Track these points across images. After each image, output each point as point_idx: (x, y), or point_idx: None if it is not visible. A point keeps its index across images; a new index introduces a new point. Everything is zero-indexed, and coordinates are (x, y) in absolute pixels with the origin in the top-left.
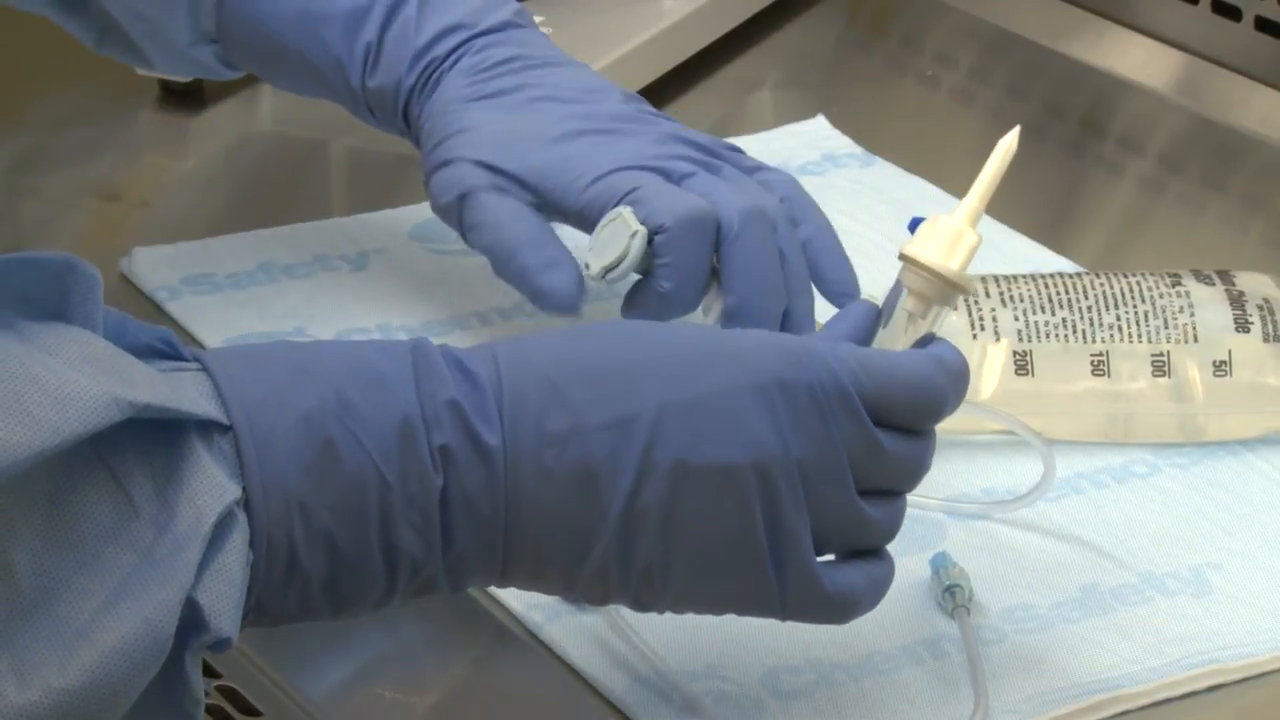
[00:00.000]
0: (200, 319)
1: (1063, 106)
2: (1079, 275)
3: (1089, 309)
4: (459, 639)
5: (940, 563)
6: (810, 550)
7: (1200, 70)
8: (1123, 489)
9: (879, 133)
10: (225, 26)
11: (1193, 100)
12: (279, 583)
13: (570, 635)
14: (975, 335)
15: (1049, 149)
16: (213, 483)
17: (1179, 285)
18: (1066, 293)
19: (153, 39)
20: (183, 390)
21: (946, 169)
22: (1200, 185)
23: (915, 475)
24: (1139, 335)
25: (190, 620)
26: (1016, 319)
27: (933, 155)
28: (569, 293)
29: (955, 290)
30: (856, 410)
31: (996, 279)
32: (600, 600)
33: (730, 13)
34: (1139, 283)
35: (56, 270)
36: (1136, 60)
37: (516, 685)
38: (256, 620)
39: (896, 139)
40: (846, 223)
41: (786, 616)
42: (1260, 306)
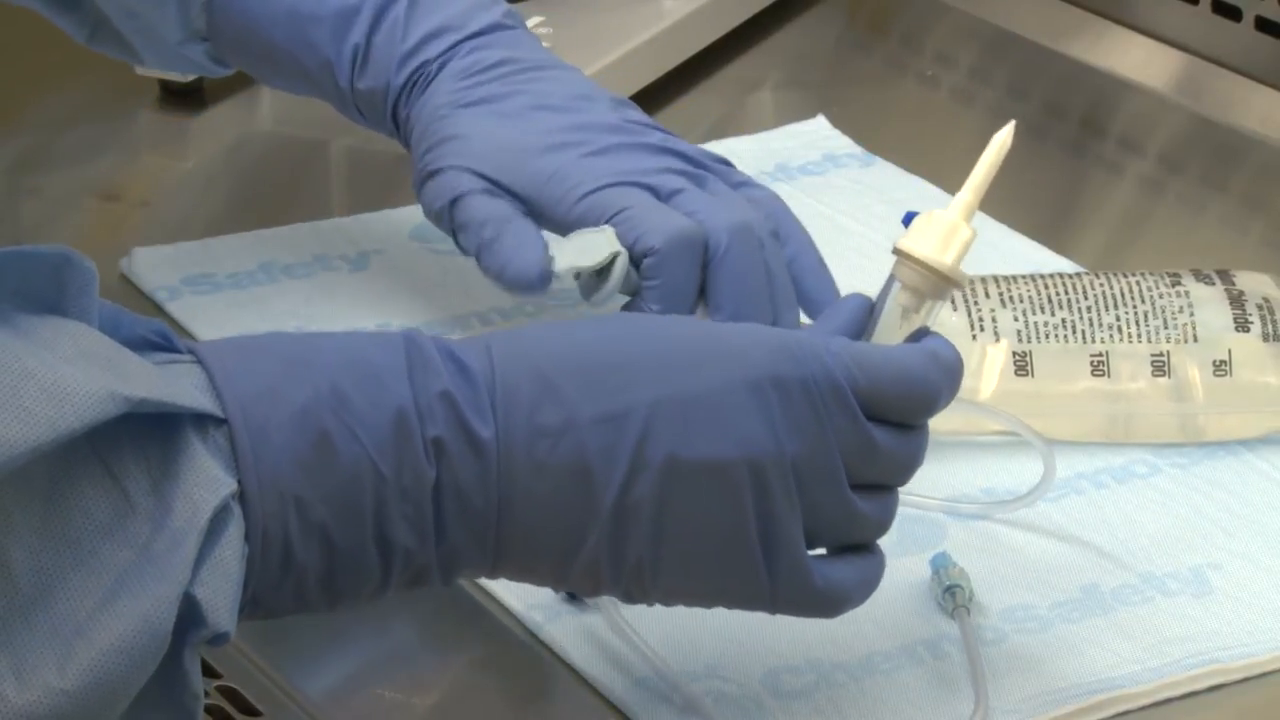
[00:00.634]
0: (200, 319)
1: (1063, 106)
2: (1078, 275)
3: (1088, 309)
4: (459, 639)
5: (940, 563)
6: (802, 545)
7: (1200, 70)
8: (1123, 489)
9: (879, 133)
10: (215, 25)
11: (1193, 100)
12: (274, 576)
13: (570, 635)
14: (975, 336)
15: (1049, 149)
16: (208, 477)
17: (1178, 285)
18: (1066, 293)
19: (143, 35)
20: (178, 384)
21: (946, 169)
22: (1200, 185)
23: (908, 470)
24: (1139, 335)
25: (188, 615)
26: (1016, 319)
27: (933, 155)
28: (534, 260)
29: (948, 285)
30: (849, 405)
31: (996, 279)
32: (591, 592)
33: (730, 13)
34: (1138, 283)
35: (53, 264)
36: (1136, 60)
37: (516, 685)
38: (252, 614)
39: (896, 139)
40: (846, 222)
41: (776, 610)
42: (1260, 306)
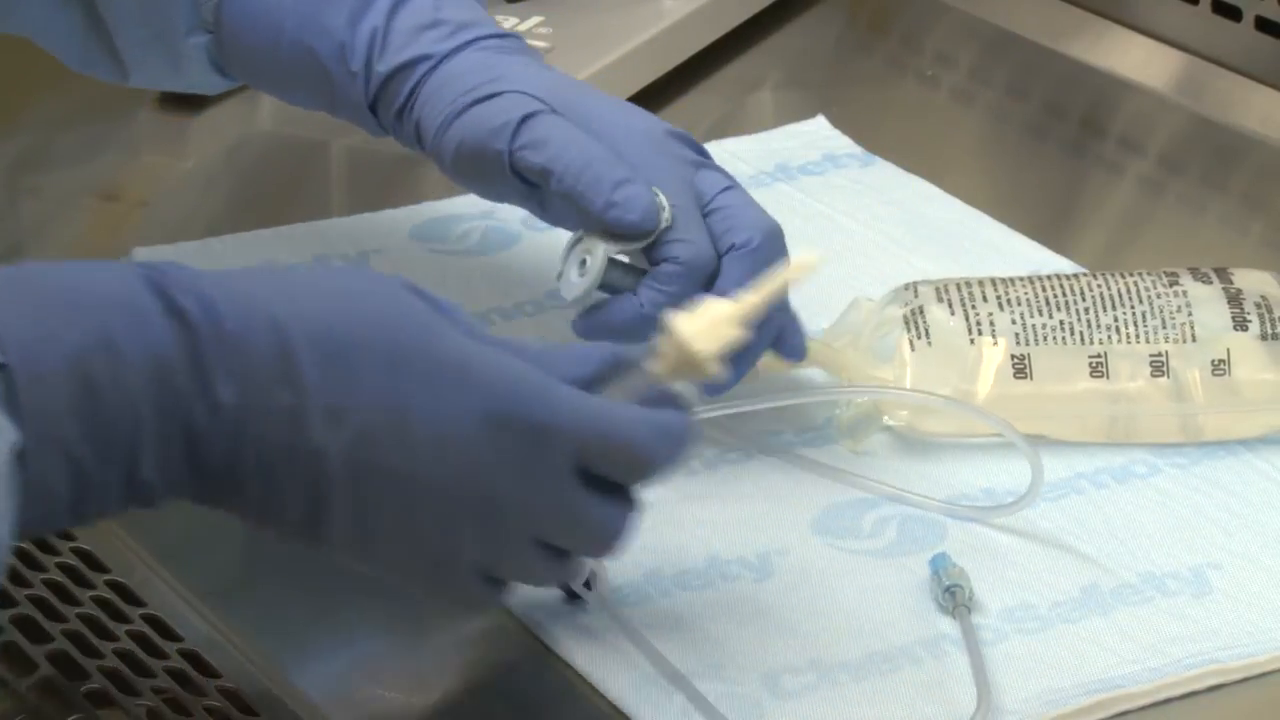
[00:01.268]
0: None
1: (1063, 106)
2: (1077, 276)
3: (1086, 311)
4: (459, 639)
5: (940, 563)
6: (472, 574)
7: (1200, 70)
8: (1123, 489)
9: (879, 133)
10: (223, 16)
11: (1193, 100)
12: (32, 506)
13: (571, 634)
14: (973, 340)
15: (1049, 149)
16: None
17: (1176, 285)
18: (1064, 294)
19: (146, 34)
20: None
21: (946, 169)
22: (1200, 185)
23: (601, 541)
24: (1137, 336)
25: None
26: (1014, 322)
27: (933, 155)
28: (646, 204)
29: (698, 373)
30: (557, 457)
31: (994, 282)
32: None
33: (730, 13)
34: (1136, 283)
35: None
36: (1136, 60)
37: (516, 685)
38: None
39: (896, 139)
40: (846, 222)
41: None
42: (1258, 305)
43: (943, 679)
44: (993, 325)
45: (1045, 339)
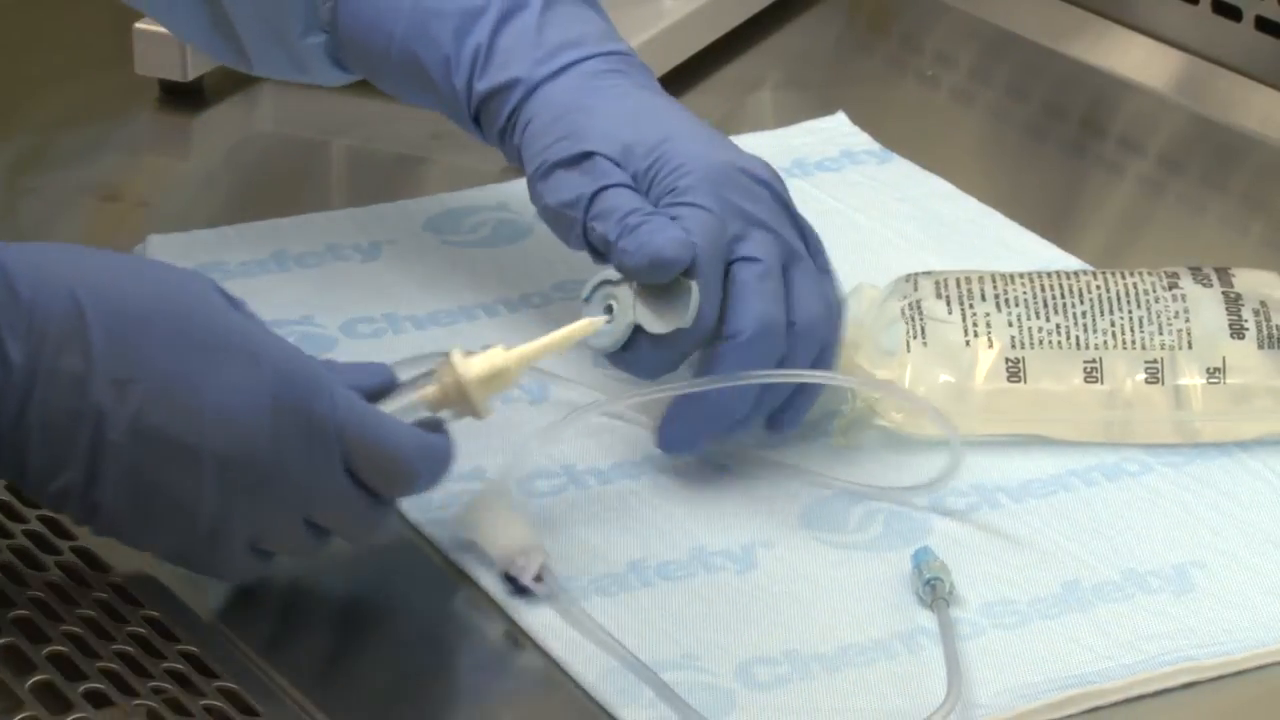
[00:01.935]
0: None
1: (1063, 106)
2: (1077, 275)
3: (1084, 314)
4: (460, 638)
5: (923, 556)
6: (242, 545)
7: (1200, 70)
8: (1113, 486)
9: (879, 133)
10: (340, 18)
11: (1193, 100)
12: None
13: (548, 623)
14: (968, 341)
15: (1049, 149)
16: None
17: (1176, 287)
18: (1062, 295)
19: (264, 30)
20: None
21: (947, 169)
22: (1200, 185)
23: (363, 531)
24: (1133, 341)
25: None
26: (1010, 324)
27: (933, 155)
28: (662, 240)
29: (466, 409)
30: (331, 447)
31: (994, 278)
32: (58, 511)
33: (730, 13)
34: (1136, 284)
35: None
36: (1136, 60)
37: (495, 673)
38: None
39: (897, 139)
40: (859, 218)
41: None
42: (1256, 311)
43: (917, 672)
44: (989, 326)
45: (1041, 342)
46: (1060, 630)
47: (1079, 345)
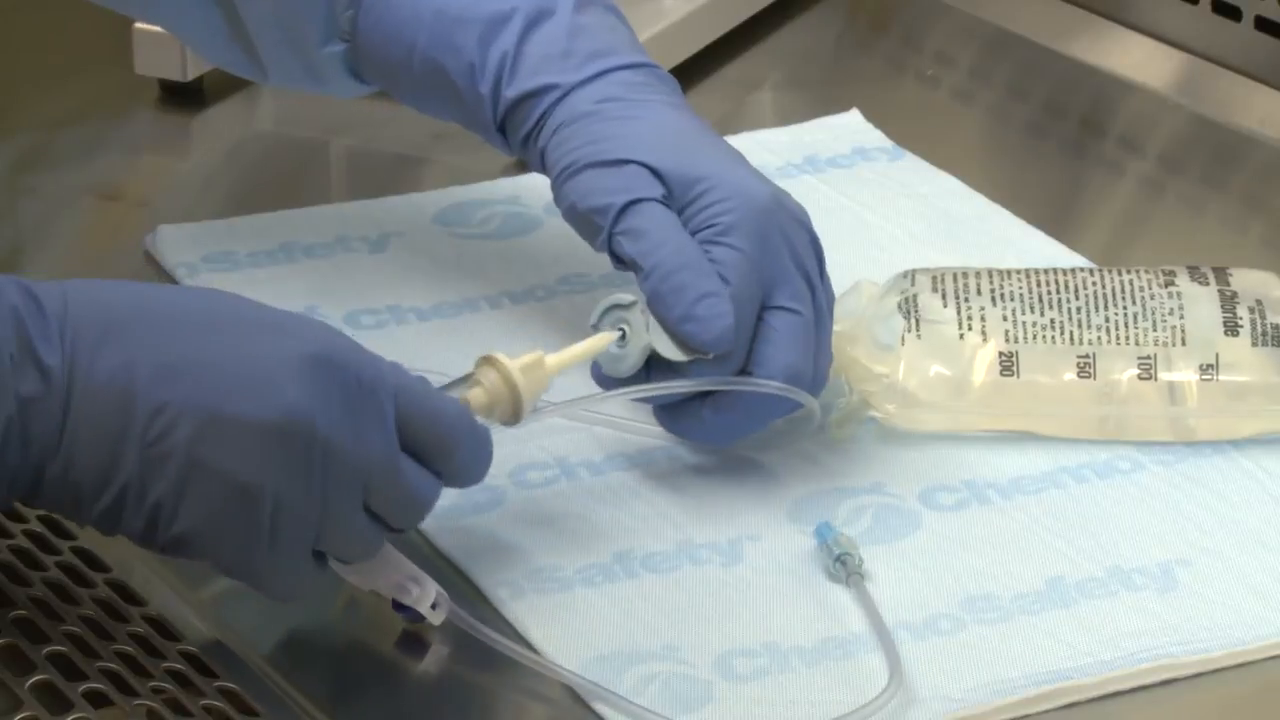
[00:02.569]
0: None
1: (1063, 106)
2: (1073, 272)
3: (1079, 310)
4: (459, 638)
5: (826, 533)
6: (309, 531)
7: (1200, 70)
8: (1103, 484)
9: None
10: (359, 28)
11: (1193, 100)
12: None
13: (532, 614)
14: (962, 335)
15: (1049, 149)
16: None
17: (1172, 285)
18: (1058, 291)
19: (282, 40)
20: None
21: (947, 168)
22: (1200, 185)
23: (414, 509)
24: (1127, 338)
25: None
26: (1005, 318)
27: (933, 155)
28: (724, 326)
29: (506, 411)
30: (385, 410)
31: (990, 274)
32: (110, 530)
33: (730, 13)
34: (1132, 281)
35: None
36: (1136, 60)
37: (477, 667)
38: None
39: (897, 139)
40: (868, 215)
41: (270, 592)
42: (1251, 309)
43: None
44: (984, 320)
45: (1035, 337)
46: (1042, 626)
47: (1073, 340)
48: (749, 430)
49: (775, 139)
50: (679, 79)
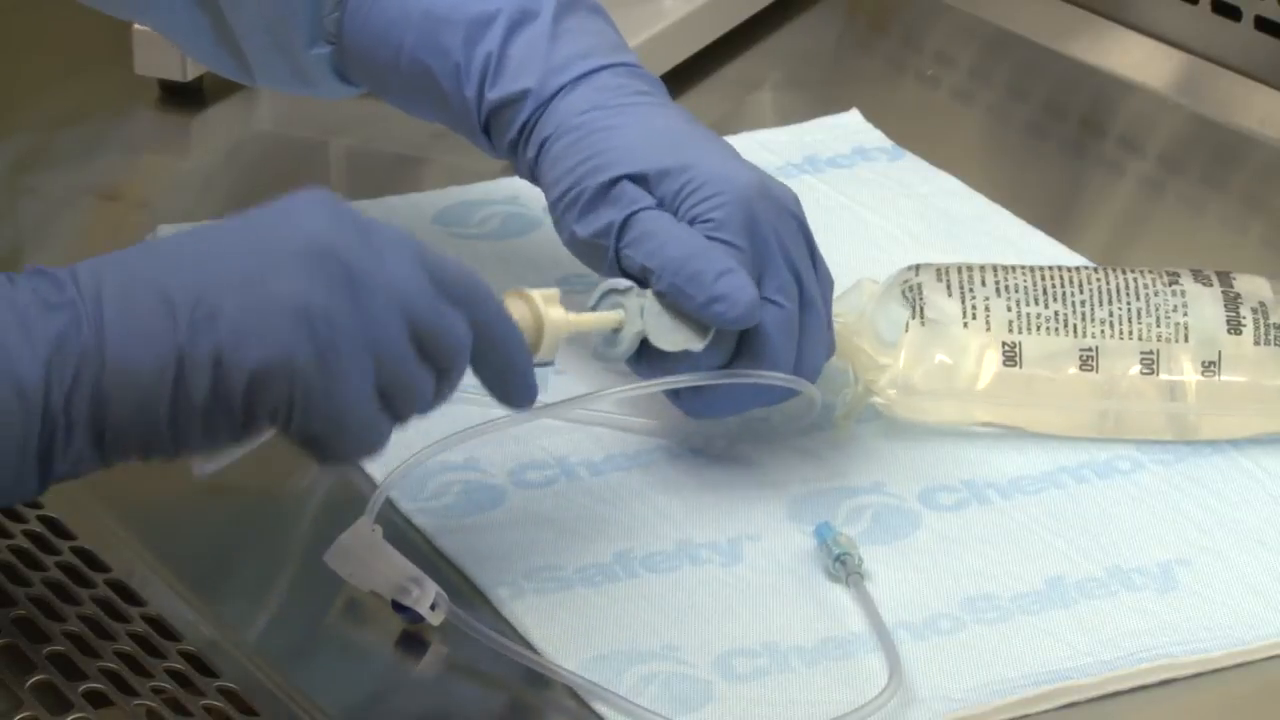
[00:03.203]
0: None
1: (1063, 106)
2: (1077, 269)
3: (1082, 304)
4: (459, 639)
5: (825, 533)
6: (366, 355)
7: (1200, 70)
8: (1103, 484)
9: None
10: (346, 30)
11: (1193, 100)
12: None
13: (532, 613)
14: (966, 324)
15: (1049, 149)
16: None
17: (1176, 284)
18: (1061, 285)
19: (268, 43)
20: None
21: (947, 168)
22: (1200, 185)
23: (457, 351)
24: (1130, 332)
25: None
26: (1009, 309)
27: (933, 155)
28: (750, 299)
29: (539, 336)
30: (404, 245)
31: (994, 268)
32: (183, 433)
33: (730, 13)
34: (1136, 279)
35: None
36: (1136, 60)
37: (476, 667)
38: None
39: (897, 138)
40: (867, 215)
41: (344, 439)
42: (1255, 310)
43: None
44: (988, 310)
45: (1038, 328)
46: (1041, 626)
47: (1076, 333)
48: (750, 407)
49: (775, 139)
50: (679, 79)
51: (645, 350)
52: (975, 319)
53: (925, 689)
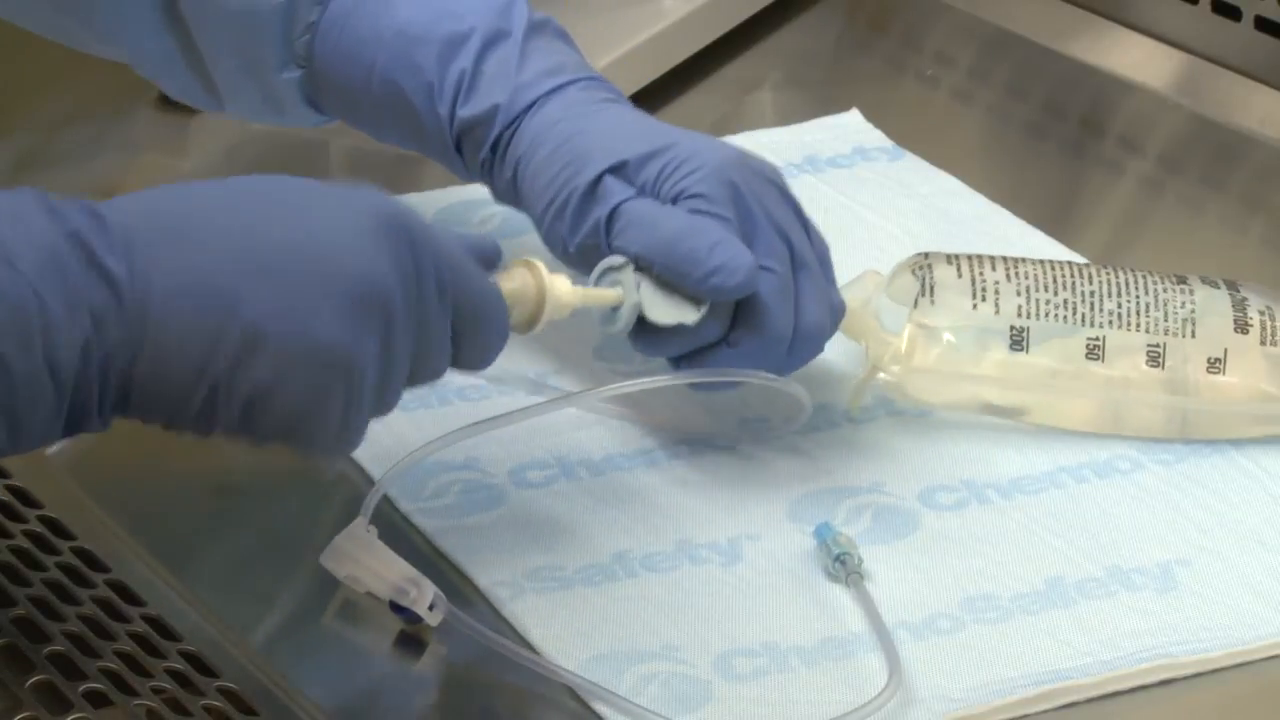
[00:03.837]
0: None
1: (1063, 106)
2: (1086, 265)
3: (1091, 294)
4: (458, 639)
5: (826, 533)
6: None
7: (1200, 70)
8: (1103, 483)
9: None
10: (317, 52)
11: (1193, 100)
12: None
13: (532, 613)
14: (975, 305)
15: (1049, 149)
16: None
17: (1184, 284)
18: (1071, 277)
19: (239, 68)
20: None
21: (946, 168)
22: (1200, 185)
23: (491, 322)
24: (1137, 325)
25: None
26: (1019, 293)
27: (933, 155)
28: (748, 264)
29: (526, 318)
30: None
31: (1004, 258)
32: (206, 430)
33: (730, 13)
34: (1144, 277)
35: None
36: (1136, 60)
37: (473, 667)
38: None
39: (897, 138)
40: (866, 214)
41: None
42: (1262, 312)
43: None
44: (998, 293)
45: (1047, 315)
46: (1041, 626)
47: (1084, 322)
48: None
49: (775, 139)
50: (679, 79)
51: (644, 325)
52: (985, 301)
53: (925, 689)
